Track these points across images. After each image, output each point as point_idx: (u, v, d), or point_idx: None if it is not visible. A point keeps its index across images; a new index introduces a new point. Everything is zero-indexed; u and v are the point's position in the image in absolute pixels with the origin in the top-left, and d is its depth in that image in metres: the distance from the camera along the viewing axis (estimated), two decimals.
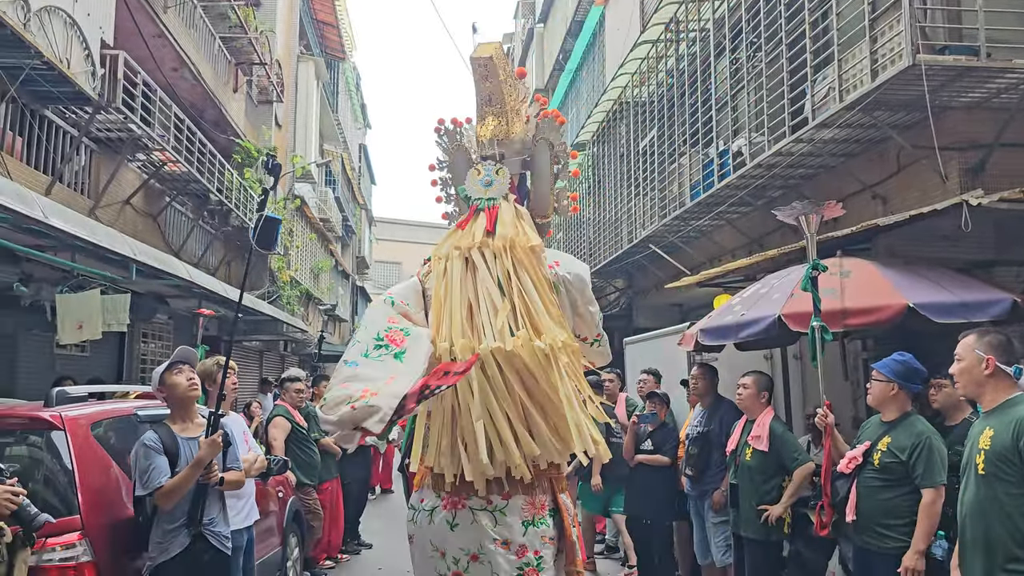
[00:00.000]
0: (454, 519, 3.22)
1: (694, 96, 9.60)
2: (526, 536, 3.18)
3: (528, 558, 3.16)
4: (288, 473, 6.61)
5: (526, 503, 3.21)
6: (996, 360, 3.18)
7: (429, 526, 3.29)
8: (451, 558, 3.22)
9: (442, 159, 3.90)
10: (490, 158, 3.62)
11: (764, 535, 5.17)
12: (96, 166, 10.52)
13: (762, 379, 5.51)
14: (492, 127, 3.63)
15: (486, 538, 3.16)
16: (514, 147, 3.67)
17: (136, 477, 3.87)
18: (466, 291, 3.30)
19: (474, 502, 3.20)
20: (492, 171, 3.57)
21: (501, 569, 3.15)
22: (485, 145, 3.65)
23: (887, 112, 6.25)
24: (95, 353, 10.46)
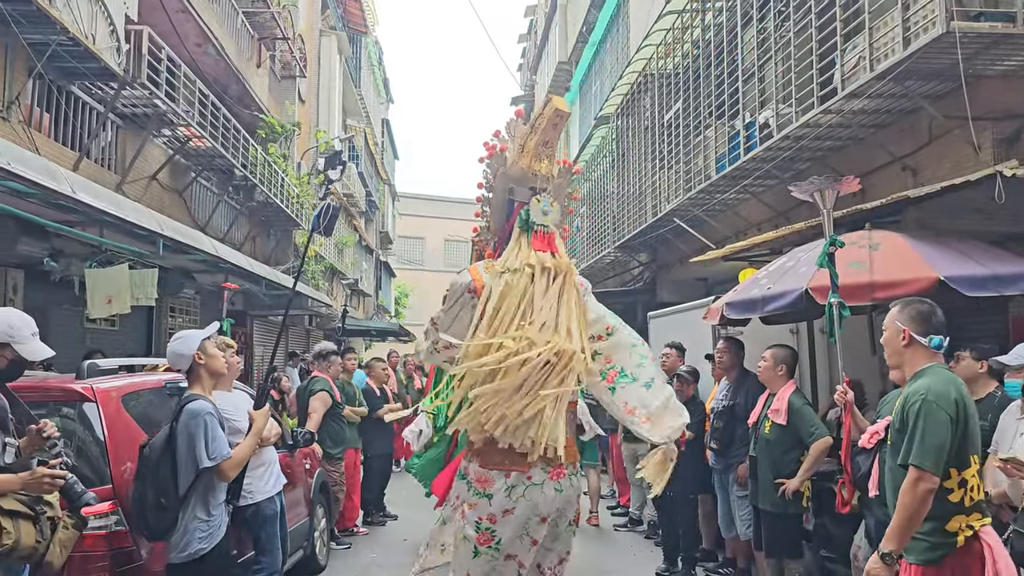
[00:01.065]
0: (559, 485, 3.96)
1: (720, 67, 9.45)
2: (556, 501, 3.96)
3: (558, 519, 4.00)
4: (315, 445, 6.70)
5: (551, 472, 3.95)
6: (911, 331, 3.25)
7: (540, 495, 3.93)
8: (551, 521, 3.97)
9: (489, 181, 4.51)
10: (544, 190, 4.30)
11: (781, 508, 5.18)
12: (122, 142, 10.61)
13: (779, 352, 5.49)
14: (544, 165, 4.32)
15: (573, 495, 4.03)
16: (549, 188, 4.37)
17: (197, 447, 3.81)
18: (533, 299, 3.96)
19: (568, 469, 3.99)
20: (549, 203, 4.28)
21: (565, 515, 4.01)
22: (541, 179, 4.32)
23: (919, 81, 6.12)
24: (124, 327, 10.61)
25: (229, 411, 4.80)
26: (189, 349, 3.98)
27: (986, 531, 3.01)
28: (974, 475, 3.05)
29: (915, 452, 2.99)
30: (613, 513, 9.31)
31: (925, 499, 2.96)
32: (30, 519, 3.14)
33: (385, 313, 36.41)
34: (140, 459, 3.75)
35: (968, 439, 3.05)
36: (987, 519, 3.06)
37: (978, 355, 4.45)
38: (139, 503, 3.66)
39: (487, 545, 3.92)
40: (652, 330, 9.99)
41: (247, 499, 4.88)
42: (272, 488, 5.03)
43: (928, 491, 2.96)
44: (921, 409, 3.03)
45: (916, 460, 2.98)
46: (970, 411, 3.08)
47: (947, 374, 3.20)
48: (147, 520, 3.66)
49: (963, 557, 2.98)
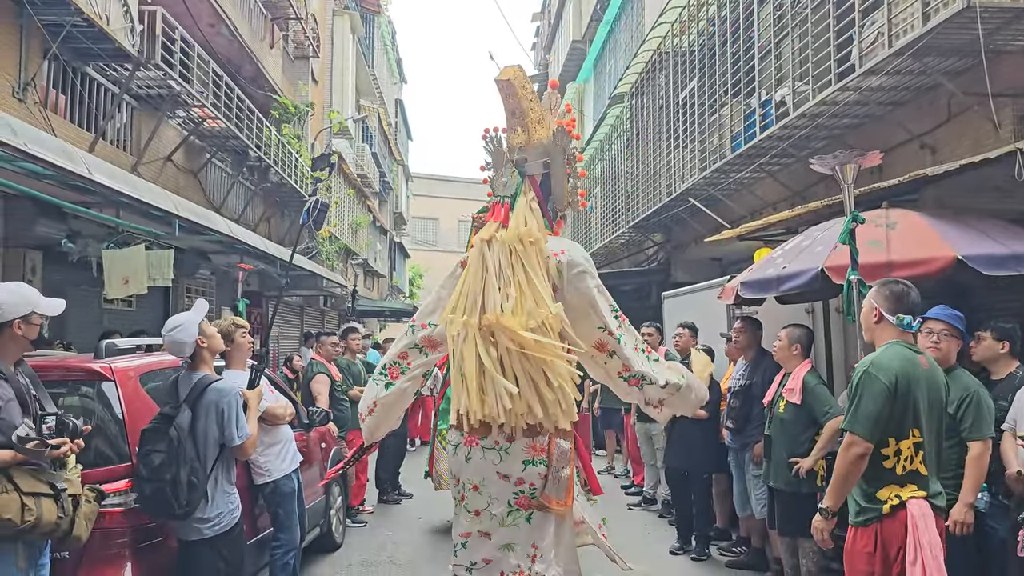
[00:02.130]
0: (469, 454, 3.94)
1: (736, 45, 9.35)
2: (524, 472, 3.86)
3: (524, 488, 3.86)
4: (331, 424, 6.75)
5: (528, 446, 3.86)
6: (882, 310, 3.41)
7: (453, 458, 4.03)
8: (461, 485, 3.98)
9: (489, 162, 4.57)
10: (517, 162, 4.33)
11: (795, 487, 5.18)
12: (137, 123, 10.64)
13: (794, 332, 5.47)
14: (516, 136, 4.36)
15: (490, 471, 3.87)
16: (536, 152, 4.36)
17: (230, 425, 3.93)
18: (479, 274, 3.99)
19: (485, 442, 3.90)
20: (509, 173, 4.32)
21: (499, 495, 3.88)
22: (514, 150, 4.36)
23: (938, 58, 6.02)
24: (141, 308, 10.69)
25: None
26: (190, 336, 4.01)
27: (914, 503, 3.17)
28: (910, 447, 3.23)
29: (849, 418, 3.25)
30: (627, 492, 9.34)
31: (856, 462, 3.19)
32: (51, 497, 3.19)
33: (399, 293, 36.50)
34: (165, 442, 3.72)
35: (909, 412, 3.22)
36: (922, 492, 3.20)
37: (998, 335, 4.41)
38: (173, 485, 3.66)
39: (462, 503, 4.03)
40: (666, 310, 9.98)
41: (265, 477, 5.01)
42: (289, 466, 5.15)
43: (858, 455, 3.19)
44: (861, 379, 3.26)
45: (848, 425, 3.24)
46: (916, 386, 3.24)
47: (902, 350, 3.32)
48: (180, 500, 3.69)
49: (888, 524, 3.19)
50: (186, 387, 3.97)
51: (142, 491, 3.72)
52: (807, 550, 5.22)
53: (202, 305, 4.19)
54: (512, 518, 3.88)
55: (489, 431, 3.88)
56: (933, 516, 3.19)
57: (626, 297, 13.10)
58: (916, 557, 3.06)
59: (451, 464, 4.08)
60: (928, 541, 3.09)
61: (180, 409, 3.84)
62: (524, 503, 3.87)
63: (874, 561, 3.19)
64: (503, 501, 3.90)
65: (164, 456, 3.69)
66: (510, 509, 3.89)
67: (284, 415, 5.13)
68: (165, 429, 3.76)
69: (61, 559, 3.60)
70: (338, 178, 21.32)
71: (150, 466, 3.68)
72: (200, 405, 3.90)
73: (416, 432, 12.96)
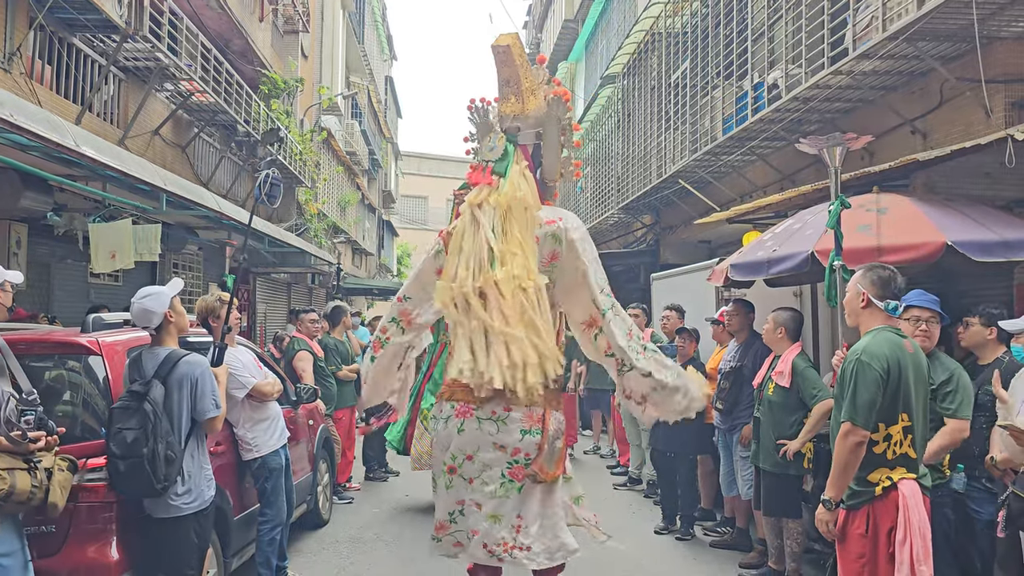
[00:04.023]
0: (461, 425, 3.92)
1: (729, 26, 9.31)
2: (522, 442, 3.86)
3: (519, 457, 3.86)
4: (318, 402, 6.74)
5: (525, 415, 3.86)
6: (869, 295, 3.42)
7: (444, 430, 3.99)
8: (450, 455, 3.96)
9: (473, 132, 4.53)
10: (510, 131, 4.28)
11: (782, 468, 5.22)
12: (124, 96, 10.51)
13: (780, 315, 5.48)
14: (511, 105, 4.30)
15: (485, 441, 3.87)
16: (529, 122, 4.32)
17: (205, 398, 3.91)
18: (471, 239, 3.96)
19: (481, 412, 3.89)
20: (497, 139, 4.27)
21: (493, 463, 3.87)
22: (505, 119, 4.31)
23: (932, 43, 6.02)
24: (127, 282, 10.61)
25: (235, 366, 4.88)
26: (161, 306, 3.91)
27: (905, 484, 3.22)
28: (900, 431, 3.27)
29: (847, 408, 3.25)
30: (613, 472, 9.39)
31: (854, 450, 3.21)
32: (24, 470, 3.21)
33: (387, 272, 36.42)
34: (137, 418, 3.65)
35: (899, 397, 3.26)
36: (911, 474, 3.26)
37: (986, 321, 4.44)
38: (151, 460, 3.61)
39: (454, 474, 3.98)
40: (655, 291, 9.99)
41: (253, 452, 5.03)
42: (276, 442, 5.18)
43: (856, 443, 3.21)
44: (855, 368, 3.26)
45: (846, 415, 3.24)
46: (905, 371, 3.26)
47: (890, 336, 3.34)
48: (158, 475, 3.64)
49: (880, 505, 3.23)
50: (153, 362, 3.87)
51: (116, 469, 3.63)
52: (791, 530, 5.27)
53: (177, 283, 4.12)
54: (504, 489, 3.87)
55: (485, 401, 3.87)
56: (922, 497, 3.24)
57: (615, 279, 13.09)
58: (906, 537, 3.10)
59: (439, 437, 4.05)
60: (918, 521, 3.13)
61: (151, 384, 3.75)
62: (517, 473, 3.87)
63: (866, 543, 3.22)
64: (496, 471, 3.88)
65: (137, 433, 3.62)
66: (503, 480, 3.87)
67: (272, 392, 5.15)
68: (136, 406, 3.67)
69: (48, 532, 3.59)
70: (327, 155, 21.17)
71: (123, 443, 3.60)
72: (172, 379, 3.83)
73: None
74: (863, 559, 3.22)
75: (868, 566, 3.21)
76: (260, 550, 5.11)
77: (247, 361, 5.14)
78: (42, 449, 3.30)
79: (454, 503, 3.98)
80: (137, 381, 3.80)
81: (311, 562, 5.85)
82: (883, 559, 3.17)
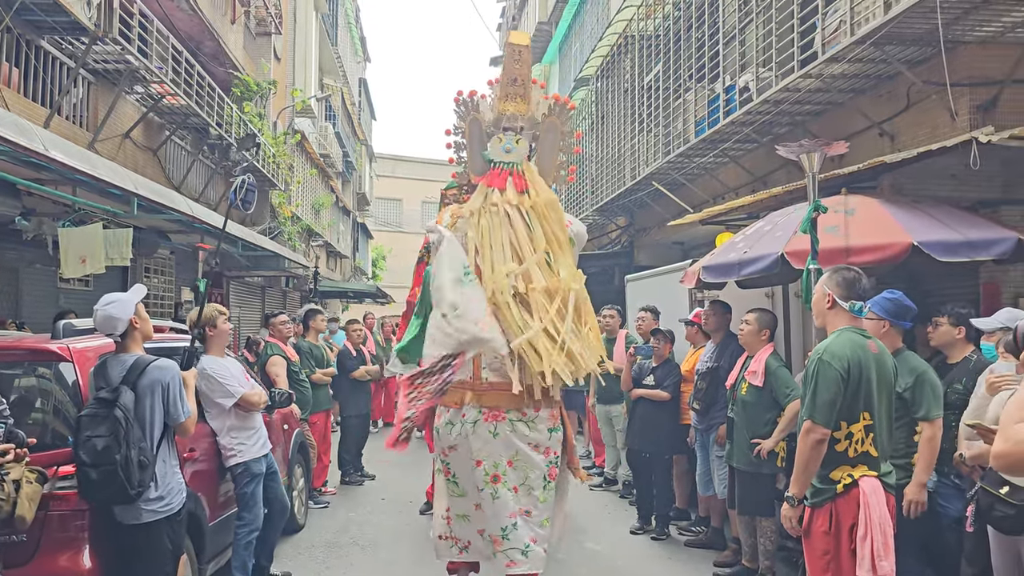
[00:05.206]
0: (495, 429, 3.90)
1: (701, 30, 9.40)
2: (551, 440, 3.95)
3: (551, 457, 3.94)
4: (293, 406, 6.71)
5: (550, 415, 3.96)
6: (835, 296, 3.51)
7: (473, 436, 3.93)
8: (490, 463, 3.90)
9: (458, 126, 4.52)
10: (511, 130, 4.29)
11: (756, 467, 5.29)
12: (94, 99, 10.38)
13: (764, 317, 5.54)
14: (515, 105, 4.31)
15: (522, 443, 3.89)
16: (529, 123, 4.37)
17: (177, 403, 3.89)
18: (508, 238, 3.98)
19: (512, 415, 3.91)
20: (513, 141, 4.27)
21: (535, 466, 3.89)
22: (508, 118, 4.32)
23: (899, 46, 6.12)
24: (98, 288, 10.47)
25: (222, 375, 4.98)
26: (125, 313, 3.88)
27: (866, 481, 3.30)
28: (861, 429, 3.35)
29: (807, 406, 3.35)
30: (589, 473, 9.43)
31: (815, 447, 3.30)
32: None
33: (362, 275, 36.26)
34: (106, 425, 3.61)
35: (860, 396, 3.34)
36: (872, 472, 3.34)
37: (955, 320, 4.52)
38: (124, 466, 3.58)
39: (448, 477, 4.07)
40: (629, 293, 10.05)
41: (236, 458, 5.09)
42: (259, 450, 5.24)
43: (817, 441, 3.29)
44: (816, 367, 3.35)
45: (807, 413, 3.34)
46: (867, 371, 3.34)
47: (854, 336, 3.42)
48: (132, 481, 3.61)
49: (842, 502, 3.31)
50: (119, 369, 3.83)
51: (87, 477, 3.59)
52: (765, 529, 5.33)
53: (140, 289, 4.09)
54: (547, 492, 3.94)
55: (514, 403, 3.88)
56: (884, 494, 3.31)
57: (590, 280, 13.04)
58: (866, 533, 3.16)
59: (471, 444, 3.98)
60: (879, 517, 3.21)
61: (120, 391, 3.72)
62: (552, 473, 3.94)
63: (830, 539, 3.28)
64: (539, 475, 3.92)
65: (108, 440, 3.58)
66: (545, 483, 3.93)
67: (259, 402, 5.22)
68: (105, 413, 3.64)
69: (18, 542, 3.55)
70: (301, 158, 21.05)
71: (93, 451, 3.57)
72: (142, 384, 3.79)
73: (379, 413, 12.94)
74: (827, 556, 3.29)
75: (832, 563, 3.28)
76: (236, 554, 5.11)
77: (236, 371, 5.22)
78: (11, 461, 3.26)
79: (506, 517, 3.92)
80: (104, 388, 3.75)
81: (287, 567, 5.83)
82: (845, 555, 3.25)
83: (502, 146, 4.26)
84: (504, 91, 4.34)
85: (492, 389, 3.92)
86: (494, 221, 4.03)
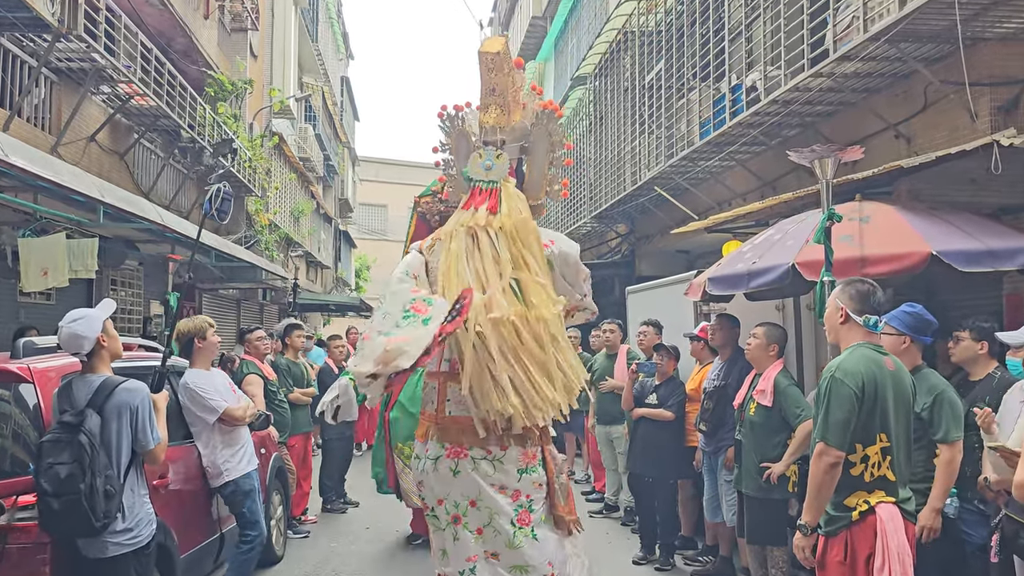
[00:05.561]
0: (456, 467, 3.81)
1: (705, 25, 9.45)
2: (520, 482, 3.82)
3: (521, 500, 3.81)
4: (271, 428, 6.69)
5: (520, 454, 3.84)
6: (848, 310, 3.51)
7: (434, 473, 3.87)
8: (451, 503, 3.84)
9: (444, 142, 4.48)
10: (492, 144, 4.20)
11: (766, 493, 5.27)
12: (57, 99, 10.38)
13: (773, 331, 5.54)
14: (495, 116, 4.21)
15: (485, 483, 3.79)
16: (514, 134, 4.28)
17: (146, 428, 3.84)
18: (472, 265, 3.88)
19: (475, 452, 3.81)
20: (493, 156, 4.16)
21: (500, 511, 3.77)
22: (488, 131, 4.23)
23: (915, 44, 6.16)
24: (61, 302, 10.44)
25: (205, 389, 5.16)
26: (93, 331, 3.85)
27: (883, 507, 3.28)
28: (877, 452, 3.34)
29: (819, 427, 3.33)
30: (588, 499, 9.42)
31: (828, 471, 3.27)
32: None
33: (345, 286, 36.23)
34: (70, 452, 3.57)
35: (876, 416, 3.33)
36: (890, 498, 3.32)
37: (977, 335, 4.50)
38: (89, 496, 3.54)
39: (427, 512, 4.02)
40: (630, 306, 10.06)
41: (224, 477, 5.22)
42: (247, 466, 5.38)
43: (830, 464, 3.27)
44: (829, 385, 3.34)
45: (819, 434, 3.32)
46: (883, 389, 3.33)
47: (868, 353, 3.42)
48: (97, 512, 3.57)
49: (858, 531, 3.29)
50: (86, 390, 3.79)
51: (48, 507, 3.54)
52: (776, 559, 5.32)
53: (108, 304, 4.06)
54: (518, 539, 3.80)
55: (478, 440, 3.79)
56: (902, 521, 3.30)
57: None
58: (884, 563, 3.16)
59: (432, 481, 3.94)
60: (897, 546, 3.19)
61: (85, 414, 3.67)
62: (525, 519, 3.82)
63: (845, 570, 3.27)
64: (506, 520, 3.81)
65: (72, 467, 3.53)
66: (515, 529, 3.81)
67: (243, 416, 5.36)
68: (69, 439, 3.59)
69: None
70: (279, 161, 21.06)
71: (56, 480, 3.52)
72: (109, 408, 3.75)
73: (363, 435, 12.89)
74: None
75: None
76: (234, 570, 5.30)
77: (220, 384, 5.36)
78: None
79: (464, 561, 3.88)
80: (68, 412, 3.71)
81: None
82: None
83: (481, 163, 4.17)
84: (484, 102, 4.28)
85: (454, 424, 3.84)
86: (461, 245, 3.95)
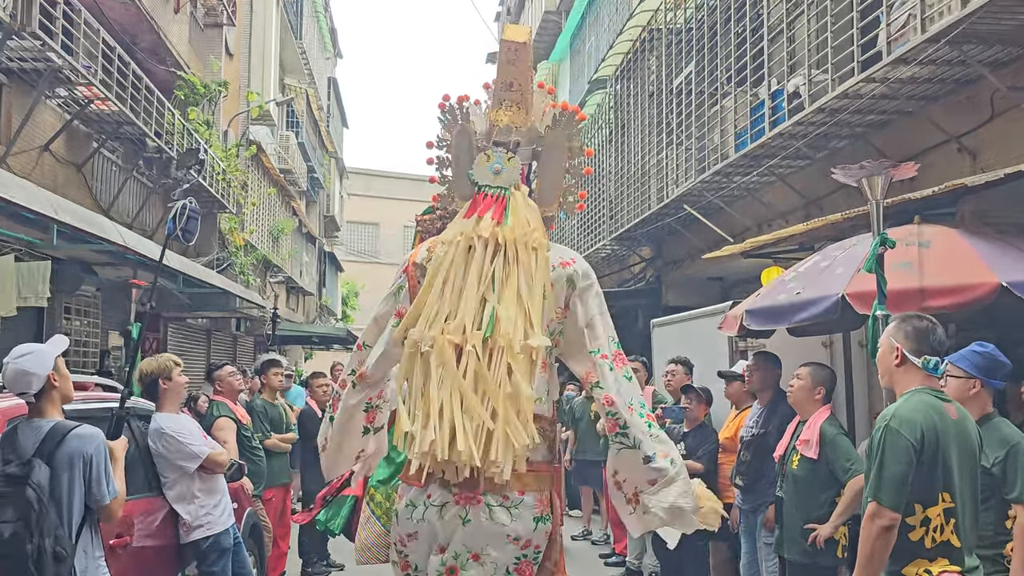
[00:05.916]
0: (467, 515, 3.71)
1: (742, 24, 9.52)
2: (535, 532, 3.74)
3: (529, 551, 3.75)
4: (244, 480, 6.68)
5: (537, 500, 3.77)
6: (904, 350, 3.46)
7: (439, 521, 3.75)
8: (451, 553, 3.74)
9: (442, 138, 4.37)
10: (503, 145, 4.12)
11: (811, 558, 5.21)
12: (7, 104, 10.48)
13: (819, 372, 5.52)
14: (511, 114, 4.13)
15: (497, 534, 3.69)
16: (529, 138, 4.21)
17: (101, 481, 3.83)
18: (459, 280, 3.79)
19: (490, 498, 3.69)
20: (503, 159, 4.07)
21: (500, 561, 3.71)
22: (501, 131, 4.14)
23: (980, 46, 6.20)
24: (7, 334, 10.46)
25: (182, 434, 5.20)
26: (44, 368, 3.83)
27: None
28: (940, 514, 3.28)
29: (872, 484, 3.29)
30: (607, 563, 9.36)
31: (881, 536, 3.21)
32: None
33: (330, 316, 36.30)
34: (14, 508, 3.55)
35: (938, 472, 3.27)
36: (955, 567, 3.26)
37: None
38: (37, 559, 3.51)
39: (405, 573, 3.93)
40: (656, 340, 10.06)
41: (203, 531, 5.22)
42: (228, 520, 5.42)
43: (884, 528, 3.21)
44: (883, 436, 3.30)
45: (871, 493, 3.27)
46: (945, 441, 3.28)
47: (928, 399, 3.37)
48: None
49: None
50: (33, 437, 3.76)
51: None
52: None
53: (60, 340, 4.06)
54: None
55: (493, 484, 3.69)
56: None
57: None
58: None
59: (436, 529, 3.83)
60: None
61: (32, 465, 3.65)
62: (524, 570, 3.77)
63: None
64: (502, 569, 3.75)
65: (16, 526, 3.51)
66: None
67: (225, 462, 5.41)
68: (13, 493, 3.57)
69: None
70: (257, 173, 21.20)
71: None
72: (59, 457, 3.73)
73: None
74: None
75: None
76: None
77: (193, 429, 5.41)
78: None
79: None
80: (12, 462, 3.68)
81: None
82: None
83: (490, 165, 4.13)
84: (498, 97, 4.22)
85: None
86: (456, 257, 3.87)
